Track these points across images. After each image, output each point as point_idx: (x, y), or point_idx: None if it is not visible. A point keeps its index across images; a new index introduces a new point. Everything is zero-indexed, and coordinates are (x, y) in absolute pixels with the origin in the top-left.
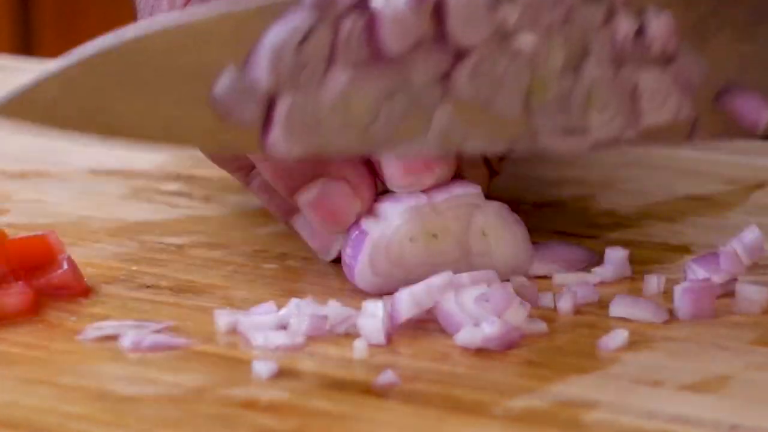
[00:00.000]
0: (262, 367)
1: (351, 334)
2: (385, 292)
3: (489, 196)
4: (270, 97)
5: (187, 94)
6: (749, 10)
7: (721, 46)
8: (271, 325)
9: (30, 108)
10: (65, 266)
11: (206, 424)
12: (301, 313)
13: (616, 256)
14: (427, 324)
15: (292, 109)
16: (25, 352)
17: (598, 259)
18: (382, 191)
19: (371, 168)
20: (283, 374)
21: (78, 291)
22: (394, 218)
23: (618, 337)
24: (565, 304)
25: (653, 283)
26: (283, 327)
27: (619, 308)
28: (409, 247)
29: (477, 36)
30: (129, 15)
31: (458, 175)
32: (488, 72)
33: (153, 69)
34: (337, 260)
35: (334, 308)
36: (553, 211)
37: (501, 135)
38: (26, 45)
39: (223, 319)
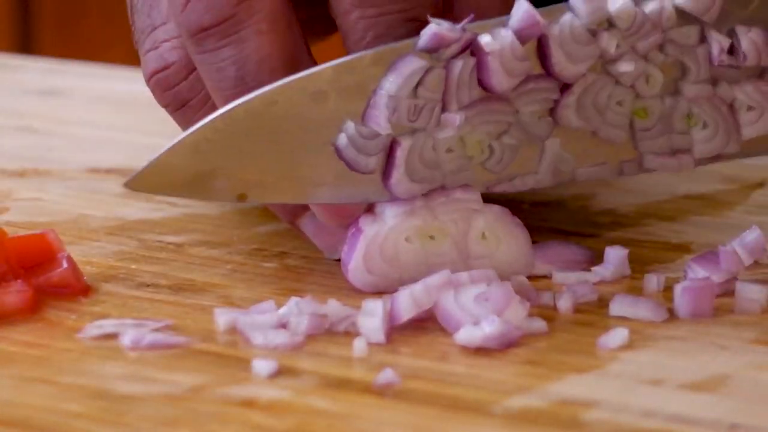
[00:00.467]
0: (262, 366)
1: (351, 333)
2: (380, 290)
3: (489, 196)
4: (390, 143)
5: (313, 149)
6: None
7: None
8: (270, 324)
9: (164, 179)
10: (65, 265)
11: (205, 422)
12: (300, 311)
13: (615, 255)
14: (426, 323)
15: (411, 152)
16: (24, 350)
17: (598, 258)
18: None
19: None
20: (282, 373)
21: (77, 289)
22: (389, 218)
23: (618, 336)
24: (564, 303)
25: (653, 282)
26: (283, 326)
27: (618, 307)
28: (404, 247)
29: (580, 67)
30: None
31: None
32: (593, 101)
33: (278, 129)
34: (339, 259)
35: (333, 307)
36: (552, 210)
37: (609, 162)
38: (26, 43)
39: (222, 317)
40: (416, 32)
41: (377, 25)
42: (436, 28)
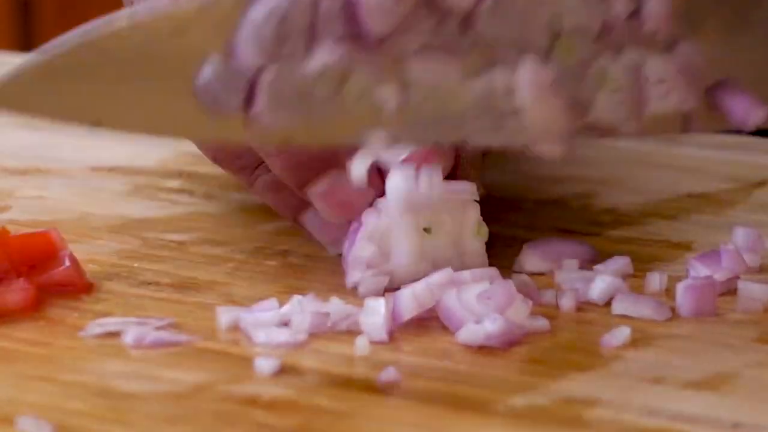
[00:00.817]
0: (264, 364)
1: (353, 332)
2: (376, 285)
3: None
4: (253, 76)
5: (172, 85)
6: None
7: (715, 33)
8: (273, 322)
9: (14, 97)
10: (67, 263)
11: (208, 421)
12: (303, 310)
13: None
14: (429, 321)
15: (276, 81)
16: (27, 348)
17: (600, 256)
18: None
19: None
20: (285, 371)
21: (80, 288)
22: (387, 211)
23: (620, 334)
24: (567, 302)
25: (655, 280)
26: (285, 324)
27: (621, 306)
28: (402, 241)
29: None
30: None
31: (453, 174)
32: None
33: (137, 59)
34: (341, 255)
35: (336, 305)
36: (554, 209)
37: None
38: (27, 41)
39: (225, 316)
40: None
41: None
42: None
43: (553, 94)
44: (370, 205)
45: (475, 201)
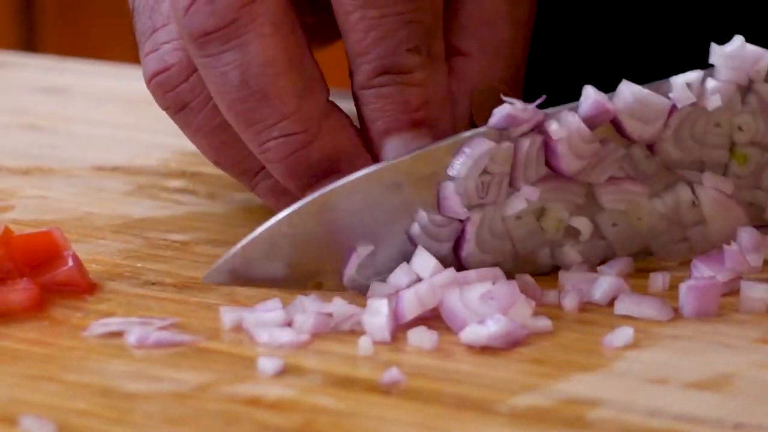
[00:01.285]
0: (267, 364)
1: (356, 332)
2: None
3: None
4: (460, 225)
5: (388, 238)
6: None
7: None
8: (276, 322)
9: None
10: (70, 263)
11: (211, 421)
12: (305, 310)
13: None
14: (431, 321)
15: (481, 226)
16: (30, 348)
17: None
18: None
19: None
20: (288, 371)
21: (83, 287)
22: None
23: (623, 334)
24: (570, 302)
25: (658, 281)
26: (288, 324)
27: (623, 306)
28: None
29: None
30: (130, 11)
31: None
32: (690, 131)
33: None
34: None
35: (339, 305)
36: None
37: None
38: (28, 41)
39: (228, 316)
40: (417, 34)
41: (378, 26)
42: (510, 108)
43: (733, 203)
44: None
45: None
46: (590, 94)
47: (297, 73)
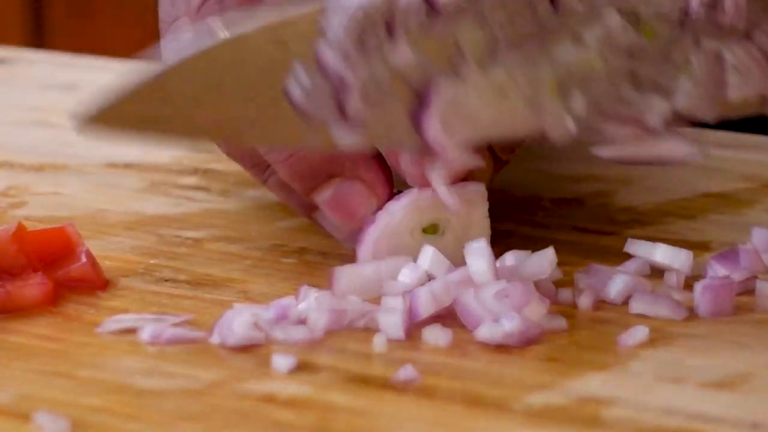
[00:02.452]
0: (281, 362)
1: (370, 329)
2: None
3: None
4: (340, 81)
5: (263, 94)
6: None
7: None
8: (290, 320)
9: (118, 117)
10: (84, 259)
11: (225, 417)
12: (320, 307)
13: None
14: (446, 319)
15: (364, 82)
16: (43, 344)
17: (617, 256)
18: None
19: (385, 164)
20: (301, 369)
21: (96, 284)
22: (396, 211)
23: (638, 333)
24: (584, 301)
25: (672, 280)
26: (302, 321)
27: (638, 305)
28: (410, 241)
29: None
30: (140, 7)
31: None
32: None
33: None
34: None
35: (353, 303)
36: (572, 208)
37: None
38: (38, 37)
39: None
40: None
41: None
42: None
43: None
44: (376, 211)
45: (485, 200)
46: None
47: None
